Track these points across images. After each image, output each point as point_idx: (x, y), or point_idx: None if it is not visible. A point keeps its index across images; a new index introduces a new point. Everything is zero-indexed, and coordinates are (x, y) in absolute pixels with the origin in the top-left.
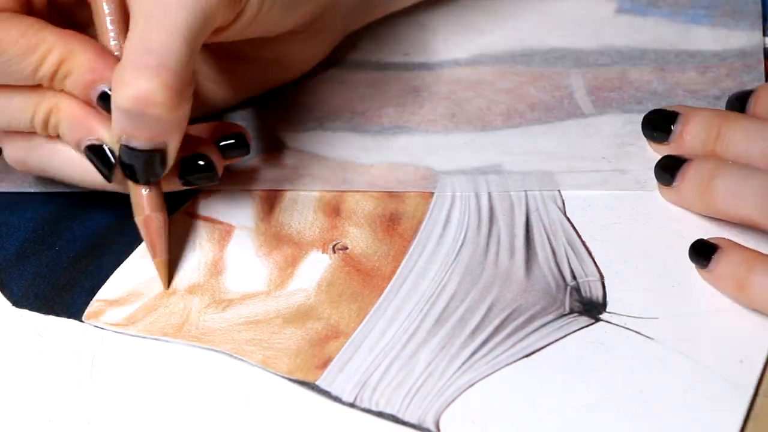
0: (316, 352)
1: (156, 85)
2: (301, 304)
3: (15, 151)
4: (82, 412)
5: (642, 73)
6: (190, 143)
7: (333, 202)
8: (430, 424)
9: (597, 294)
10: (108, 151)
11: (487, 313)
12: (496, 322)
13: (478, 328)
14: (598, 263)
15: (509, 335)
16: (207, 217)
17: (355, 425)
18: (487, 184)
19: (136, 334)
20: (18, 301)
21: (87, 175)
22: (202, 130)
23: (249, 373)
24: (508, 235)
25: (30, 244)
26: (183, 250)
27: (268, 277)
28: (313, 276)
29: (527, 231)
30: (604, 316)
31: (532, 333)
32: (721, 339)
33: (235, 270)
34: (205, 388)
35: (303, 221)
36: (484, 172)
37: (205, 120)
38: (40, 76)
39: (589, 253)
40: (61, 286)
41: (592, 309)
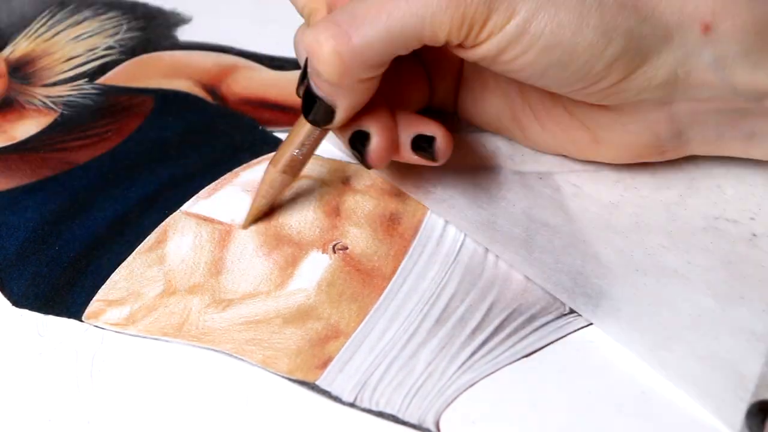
0: (316, 352)
1: (328, 46)
2: (301, 304)
3: None
4: (82, 412)
5: None
6: (377, 114)
7: (333, 202)
8: (430, 424)
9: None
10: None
11: (487, 313)
12: (496, 322)
13: (478, 328)
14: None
15: (509, 335)
16: (207, 217)
17: (355, 425)
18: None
19: (136, 334)
20: (18, 301)
21: None
22: (406, 116)
23: (249, 373)
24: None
25: (30, 244)
26: (183, 250)
27: (268, 277)
28: (313, 276)
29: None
30: None
31: (532, 333)
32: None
33: (235, 270)
34: (205, 388)
35: (303, 221)
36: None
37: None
38: None
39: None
40: (61, 286)
41: None
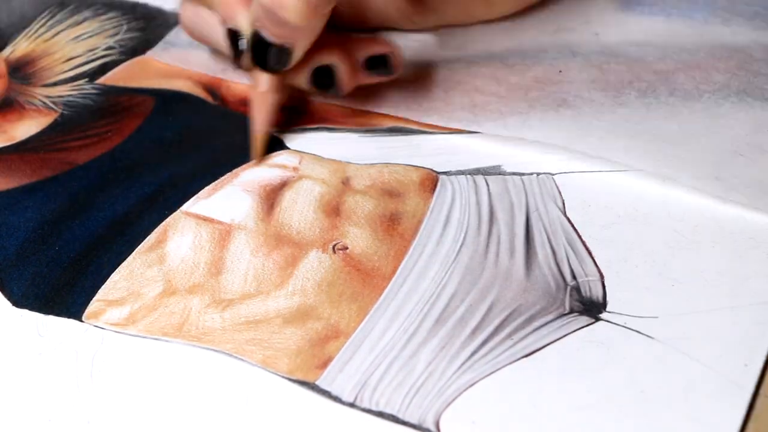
0: (316, 352)
1: None
2: (301, 304)
3: (187, 12)
4: (82, 412)
5: None
6: (331, 47)
7: (333, 202)
8: (430, 424)
9: (597, 293)
10: (241, 41)
11: (487, 313)
12: (496, 322)
13: (478, 328)
14: (598, 263)
15: (509, 335)
16: (207, 217)
17: (355, 425)
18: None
19: (136, 334)
20: (18, 301)
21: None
22: (354, 42)
23: (249, 373)
24: (508, 234)
25: (30, 244)
26: (183, 250)
27: (268, 277)
28: (313, 276)
29: (527, 231)
30: (604, 315)
31: (532, 333)
32: (721, 338)
33: (235, 270)
34: (205, 388)
35: (303, 221)
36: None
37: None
38: None
39: (589, 253)
40: (61, 286)
41: (593, 308)
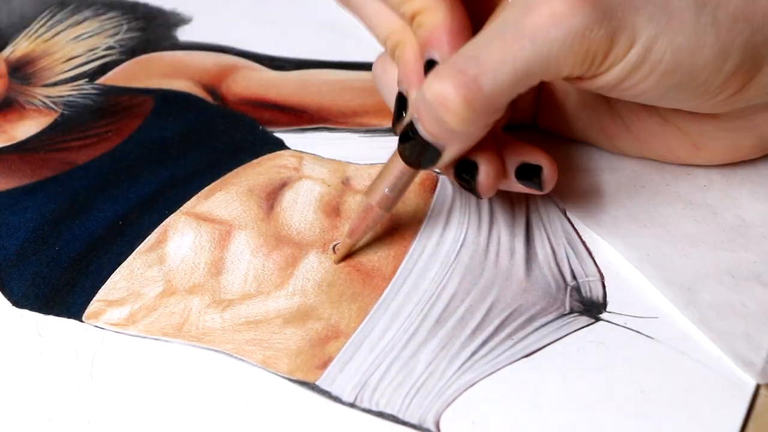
0: (316, 352)
1: (459, 97)
2: (301, 304)
3: (378, 64)
4: (82, 412)
5: None
6: (482, 143)
7: (333, 202)
8: (430, 424)
9: (597, 294)
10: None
11: (487, 313)
12: (497, 322)
13: (478, 328)
14: (598, 263)
15: (509, 335)
16: (207, 217)
17: (355, 425)
18: None
19: (136, 334)
20: (18, 301)
21: None
22: (510, 144)
23: (249, 373)
24: (508, 235)
25: (30, 244)
26: (183, 250)
27: (268, 277)
28: (314, 276)
29: (527, 231)
30: (604, 315)
31: (532, 333)
32: (721, 338)
33: (235, 270)
34: (205, 388)
35: (303, 221)
36: None
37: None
38: (402, 11)
39: (589, 253)
40: (61, 286)
41: (593, 309)
